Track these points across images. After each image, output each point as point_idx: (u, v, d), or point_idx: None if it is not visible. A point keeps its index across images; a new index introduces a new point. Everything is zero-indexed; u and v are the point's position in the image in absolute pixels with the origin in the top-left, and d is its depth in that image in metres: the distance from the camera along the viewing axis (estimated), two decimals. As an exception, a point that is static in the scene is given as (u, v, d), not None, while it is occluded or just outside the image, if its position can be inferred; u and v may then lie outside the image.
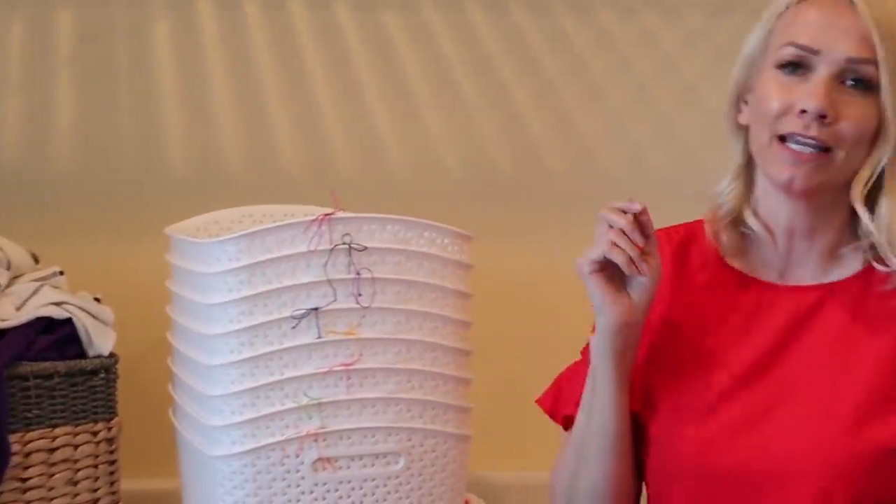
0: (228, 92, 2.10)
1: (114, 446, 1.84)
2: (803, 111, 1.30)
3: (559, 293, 1.68)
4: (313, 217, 1.62)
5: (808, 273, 1.39)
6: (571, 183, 2.19)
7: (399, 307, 1.66)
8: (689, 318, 1.41)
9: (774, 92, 1.33)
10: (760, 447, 1.32)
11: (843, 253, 1.38)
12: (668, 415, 1.38)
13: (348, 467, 1.65)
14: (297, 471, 1.62)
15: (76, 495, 1.80)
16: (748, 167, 1.41)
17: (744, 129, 1.40)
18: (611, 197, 2.16)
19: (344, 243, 1.63)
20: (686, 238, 1.45)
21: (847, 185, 1.35)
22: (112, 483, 1.84)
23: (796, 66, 1.32)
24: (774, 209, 1.38)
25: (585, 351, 1.44)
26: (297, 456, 1.62)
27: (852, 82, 1.31)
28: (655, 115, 2.24)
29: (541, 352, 2.07)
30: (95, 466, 1.82)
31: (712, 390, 1.36)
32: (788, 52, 1.32)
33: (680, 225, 1.47)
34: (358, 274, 1.63)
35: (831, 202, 1.37)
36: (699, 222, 1.45)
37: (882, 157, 1.33)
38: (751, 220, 1.40)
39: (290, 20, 2.11)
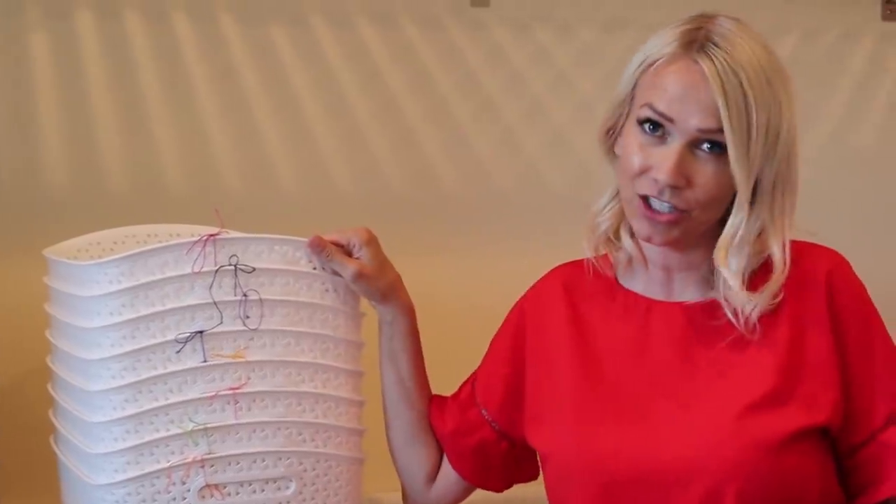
0: (109, 106, 2.03)
1: (-9, 476, 1.79)
2: (656, 179, 1.40)
3: (452, 311, 1.68)
4: (197, 238, 1.59)
5: (692, 294, 1.49)
6: (465, 200, 2.19)
7: (288, 329, 1.64)
8: (583, 340, 1.52)
9: (635, 150, 1.43)
10: (655, 451, 1.40)
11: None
12: (562, 429, 1.48)
13: (237, 493, 1.61)
14: (184, 498, 1.58)
15: (-49, 528, 1.74)
16: None
17: (617, 157, 1.51)
18: (504, 214, 2.20)
19: (230, 264, 1.60)
20: (575, 273, 1.58)
21: (712, 225, 1.45)
22: (-10, 515, 1.79)
23: (655, 126, 1.42)
24: (647, 248, 1.50)
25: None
26: (184, 483, 1.58)
27: (706, 147, 1.40)
28: (549, 131, 2.24)
29: (434, 370, 2.05)
30: (-29, 498, 1.76)
31: (608, 402, 1.46)
32: (646, 113, 1.42)
33: (567, 264, 1.61)
34: (245, 296, 1.61)
35: (699, 239, 1.46)
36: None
37: (738, 219, 1.42)
38: (626, 241, 1.51)
39: (175, 32, 2.06)
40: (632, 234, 1.51)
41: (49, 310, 1.74)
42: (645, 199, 1.43)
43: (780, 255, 1.42)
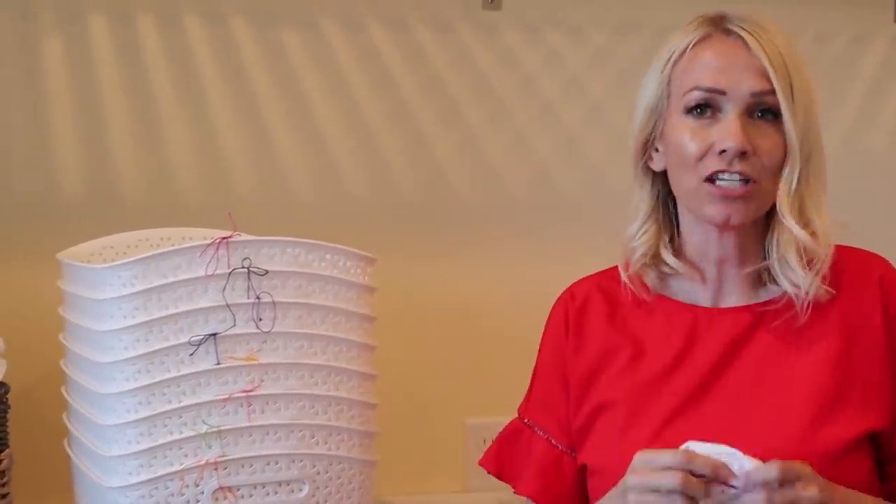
0: (122, 111, 2.04)
1: (6, 479, 1.78)
2: (723, 151, 1.38)
3: (464, 315, 1.68)
4: (210, 240, 1.59)
5: (739, 297, 1.47)
6: (476, 203, 2.18)
7: (301, 331, 1.64)
8: (627, 351, 1.47)
9: (689, 137, 1.41)
10: None
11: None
12: (614, 443, 1.43)
13: (250, 496, 1.62)
14: (197, 501, 1.59)
15: (-35, 531, 1.74)
16: (658, 208, 1.50)
17: (651, 174, 1.49)
18: (516, 217, 2.20)
19: (243, 267, 1.60)
20: (615, 281, 1.52)
21: (767, 211, 1.43)
22: (4, 517, 1.79)
23: (704, 108, 1.41)
24: (704, 243, 1.47)
25: (523, 410, 1.56)
26: (197, 485, 1.59)
27: (760, 114, 1.40)
28: (561, 134, 2.24)
29: (446, 375, 2.06)
30: (-14, 500, 1.76)
31: (658, 415, 1.42)
32: (695, 97, 1.41)
33: (608, 269, 1.55)
34: (258, 298, 1.61)
35: (755, 227, 1.45)
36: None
37: (793, 175, 1.41)
38: (670, 259, 1.48)
39: (187, 36, 2.05)
40: (674, 252, 1.48)
41: (63, 313, 1.75)
42: (712, 181, 1.40)
43: (820, 223, 1.42)
